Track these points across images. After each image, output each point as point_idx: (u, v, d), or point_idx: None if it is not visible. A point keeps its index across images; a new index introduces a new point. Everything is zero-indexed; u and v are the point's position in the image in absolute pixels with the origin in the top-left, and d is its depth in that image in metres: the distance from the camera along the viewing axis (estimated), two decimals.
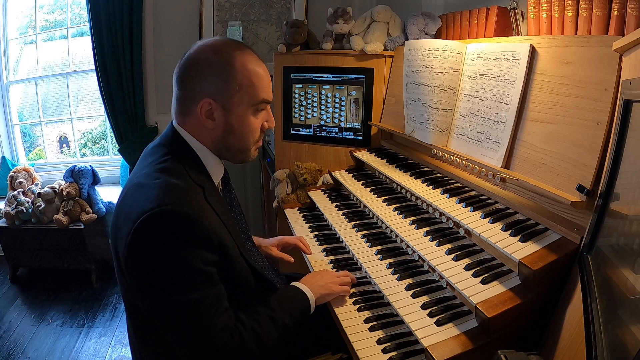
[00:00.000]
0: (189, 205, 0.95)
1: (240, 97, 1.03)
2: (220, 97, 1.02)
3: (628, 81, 0.86)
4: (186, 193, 0.98)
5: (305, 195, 2.03)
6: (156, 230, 0.92)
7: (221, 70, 1.01)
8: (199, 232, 0.94)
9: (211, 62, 1.02)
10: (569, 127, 1.12)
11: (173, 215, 0.92)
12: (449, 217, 1.32)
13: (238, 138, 1.08)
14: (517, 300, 1.00)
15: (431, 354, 0.97)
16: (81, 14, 3.37)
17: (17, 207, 2.88)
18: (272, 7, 3.05)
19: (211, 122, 1.05)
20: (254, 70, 1.04)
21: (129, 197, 1.01)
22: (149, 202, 0.93)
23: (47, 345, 2.37)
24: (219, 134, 1.07)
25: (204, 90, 1.02)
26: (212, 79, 1.01)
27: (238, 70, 1.02)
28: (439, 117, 1.57)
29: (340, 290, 1.28)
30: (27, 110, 3.56)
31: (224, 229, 1.03)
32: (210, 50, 1.03)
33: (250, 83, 1.04)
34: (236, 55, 1.03)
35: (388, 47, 1.96)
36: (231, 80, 1.02)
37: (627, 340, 0.64)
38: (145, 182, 0.99)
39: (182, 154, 1.06)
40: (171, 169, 1.01)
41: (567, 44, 1.17)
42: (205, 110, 1.03)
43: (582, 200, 1.03)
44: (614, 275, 0.78)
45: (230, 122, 1.05)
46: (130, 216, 0.94)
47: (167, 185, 0.97)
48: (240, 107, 1.04)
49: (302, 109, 2.18)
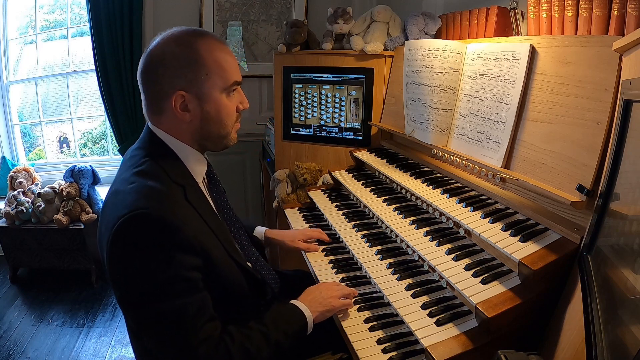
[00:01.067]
0: (166, 209, 0.92)
1: (211, 83, 1.02)
2: (192, 88, 1.00)
3: (628, 81, 0.86)
4: (162, 196, 0.95)
5: (305, 195, 2.03)
6: (131, 235, 0.90)
7: (188, 61, 0.99)
8: (177, 236, 0.91)
9: (176, 54, 0.99)
10: (569, 127, 1.12)
11: (146, 219, 0.90)
12: (449, 217, 1.32)
13: (217, 124, 1.06)
14: (517, 300, 1.00)
15: (431, 354, 0.97)
16: (81, 14, 3.37)
17: (17, 207, 2.88)
18: (272, 7, 3.05)
19: (187, 114, 1.02)
20: (220, 54, 1.03)
21: (108, 204, 1.00)
22: (124, 208, 0.91)
23: (47, 345, 2.37)
24: (197, 124, 1.04)
25: (174, 84, 1.00)
26: (181, 71, 0.99)
27: (205, 57, 1.00)
28: (439, 117, 1.57)
29: (341, 304, 1.23)
30: (27, 110, 3.55)
31: (207, 230, 1.01)
32: (172, 42, 1.00)
33: (219, 67, 1.02)
34: (199, 43, 1.01)
35: (388, 47, 1.96)
36: (200, 69, 1.00)
37: (627, 340, 0.64)
38: (122, 188, 0.97)
39: (160, 154, 1.03)
40: (148, 171, 0.99)
41: (567, 44, 1.17)
42: (179, 104, 1.01)
43: (582, 200, 1.03)
44: (614, 275, 0.78)
45: (207, 110, 1.03)
46: (108, 225, 0.93)
47: (143, 188, 0.95)
48: (214, 93, 1.03)
49: (302, 109, 2.18)
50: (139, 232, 0.90)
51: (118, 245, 0.91)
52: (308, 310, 1.15)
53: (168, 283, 0.91)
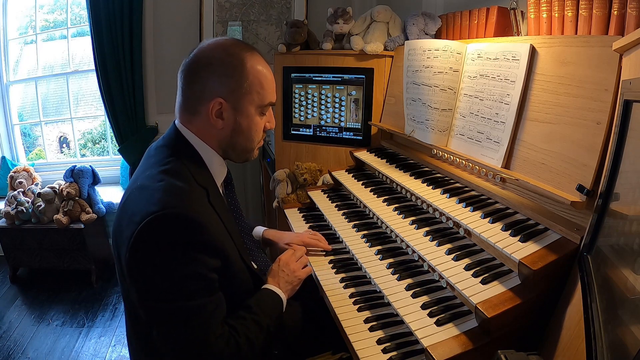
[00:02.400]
0: (194, 210, 0.95)
1: (250, 98, 1.05)
2: (231, 98, 1.03)
3: (628, 81, 0.86)
4: (190, 196, 0.98)
5: (305, 195, 2.03)
6: (159, 233, 0.91)
7: (234, 71, 1.02)
8: (202, 237, 0.94)
9: (224, 62, 1.02)
10: (569, 127, 1.12)
11: (177, 218, 0.92)
12: (449, 217, 1.32)
13: (245, 138, 1.10)
14: (517, 300, 1.00)
15: (431, 354, 0.97)
16: (81, 14, 3.37)
17: (17, 207, 2.88)
18: (272, 7, 3.05)
19: (220, 121, 1.05)
20: (263, 72, 1.07)
21: (132, 199, 1.00)
22: (153, 205, 0.92)
23: (47, 345, 2.37)
24: (227, 133, 1.07)
25: (215, 90, 1.02)
26: (224, 80, 1.02)
27: (249, 71, 1.04)
28: (439, 117, 1.57)
29: (305, 273, 1.30)
30: (27, 110, 3.56)
31: (225, 233, 1.03)
32: (222, 50, 1.03)
33: (260, 85, 1.06)
34: (247, 57, 1.04)
35: (388, 47, 1.96)
36: (243, 81, 1.03)
37: (627, 340, 0.64)
38: (148, 184, 0.99)
39: (185, 155, 1.05)
40: (175, 170, 1.01)
41: (567, 44, 1.17)
42: (215, 110, 1.04)
43: (582, 200, 1.03)
44: (614, 275, 0.78)
45: (240, 122, 1.06)
46: (133, 219, 0.94)
47: (172, 187, 0.96)
48: (249, 108, 1.06)
49: (302, 109, 2.18)
50: (168, 230, 0.92)
51: (146, 240, 0.92)
52: (282, 293, 1.21)
53: (191, 281, 0.94)
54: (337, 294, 1.32)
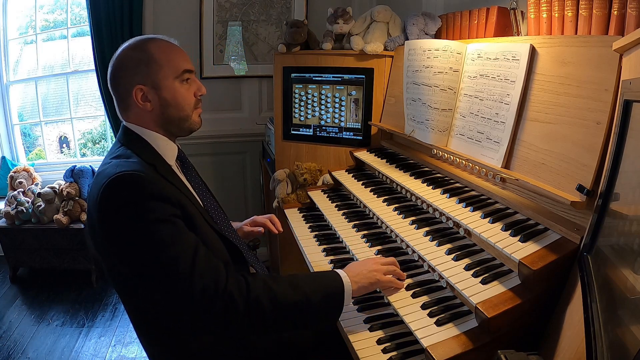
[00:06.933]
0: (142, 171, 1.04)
1: (163, 73, 1.13)
2: (147, 80, 1.13)
3: (628, 81, 0.86)
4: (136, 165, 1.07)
5: (305, 195, 2.03)
6: (115, 192, 1.00)
7: (141, 59, 1.13)
8: (153, 187, 1.02)
9: (132, 57, 1.13)
10: (569, 127, 1.12)
11: (130, 176, 1.01)
12: (449, 217, 1.32)
13: (175, 108, 1.16)
14: (517, 300, 1.00)
15: (431, 354, 0.97)
16: (81, 14, 3.37)
17: (17, 207, 2.88)
18: (272, 7, 3.05)
19: (148, 104, 1.14)
20: (166, 46, 1.16)
21: (92, 188, 1.09)
22: (107, 177, 1.02)
23: (47, 345, 2.37)
24: (158, 111, 1.16)
25: (133, 81, 1.13)
26: (137, 69, 1.12)
27: (154, 52, 1.13)
28: (439, 117, 1.57)
29: (388, 280, 1.20)
30: (27, 110, 3.55)
31: (181, 194, 1.10)
32: (128, 49, 1.15)
33: (168, 58, 1.14)
34: (148, 42, 1.15)
35: (388, 47, 1.96)
36: (151, 63, 1.12)
37: (627, 340, 0.64)
38: (102, 170, 1.09)
39: (132, 142, 1.16)
40: (123, 154, 1.12)
41: (567, 44, 1.17)
42: (140, 96, 1.13)
43: (582, 200, 1.03)
44: (614, 275, 0.78)
45: (164, 96, 1.14)
46: (94, 198, 1.04)
47: (121, 162, 1.07)
48: (167, 81, 1.14)
49: (302, 109, 2.18)
50: (122, 187, 1.00)
51: (108, 199, 1.01)
52: (347, 277, 1.15)
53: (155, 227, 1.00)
54: None
